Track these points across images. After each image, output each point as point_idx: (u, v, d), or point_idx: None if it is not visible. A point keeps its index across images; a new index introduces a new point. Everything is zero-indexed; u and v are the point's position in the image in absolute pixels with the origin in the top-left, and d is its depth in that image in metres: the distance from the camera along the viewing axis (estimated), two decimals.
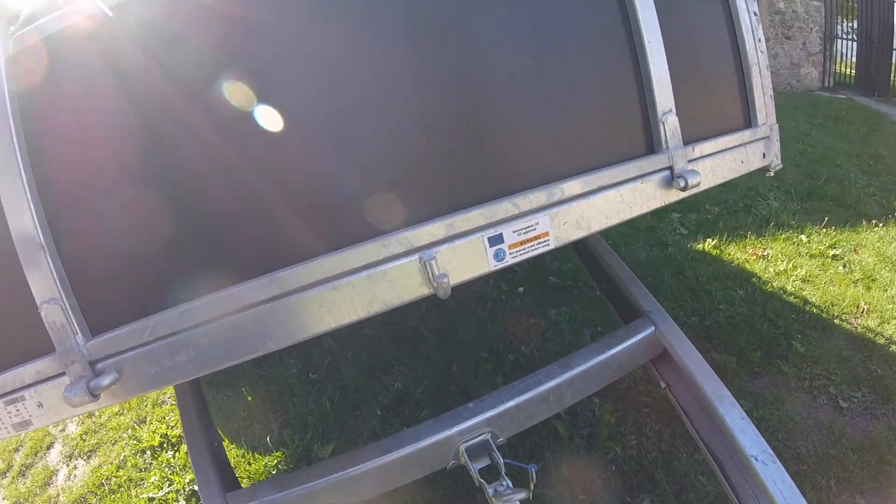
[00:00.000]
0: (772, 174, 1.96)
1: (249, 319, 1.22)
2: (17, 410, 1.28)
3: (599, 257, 2.36)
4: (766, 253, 3.81)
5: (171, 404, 3.51)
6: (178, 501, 2.71)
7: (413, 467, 1.61)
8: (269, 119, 1.22)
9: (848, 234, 4.01)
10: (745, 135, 1.79)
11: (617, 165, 1.49)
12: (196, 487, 2.63)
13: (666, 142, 1.54)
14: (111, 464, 3.14)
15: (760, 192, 4.74)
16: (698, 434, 1.83)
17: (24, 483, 3.29)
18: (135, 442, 3.24)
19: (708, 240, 3.99)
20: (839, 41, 10.78)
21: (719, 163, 1.70)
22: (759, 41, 1.81)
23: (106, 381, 1.18)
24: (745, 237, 4.05)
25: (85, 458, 3.32)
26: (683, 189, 1.54)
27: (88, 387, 1.17)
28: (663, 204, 1.58)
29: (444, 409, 1.56)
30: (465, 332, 3.17)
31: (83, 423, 3.63)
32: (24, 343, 1.25)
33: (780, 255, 3.74)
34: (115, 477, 3.02)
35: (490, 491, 1.52)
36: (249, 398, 3.24)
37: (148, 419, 3.40)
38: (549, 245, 1.41)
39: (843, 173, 5.23)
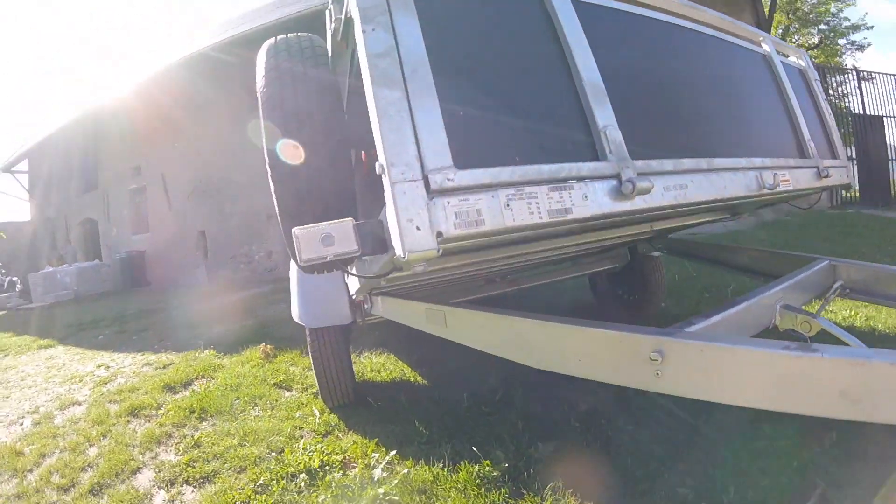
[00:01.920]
0: None
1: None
2: (561, 197, 1.42)
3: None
4: None
5: (314, 436, 3.28)
6: None
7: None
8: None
9: None
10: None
11: None
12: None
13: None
14: (242, 490, 2.78)
15: None
16: None
17: (99, 502, 2.89)
18: (279, 465, 2.93)
19: None
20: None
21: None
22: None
23: (647, 184, 1.54)
24: None
25: (196, 485, 2.93)
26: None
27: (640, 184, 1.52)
28: None
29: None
30: None
31: (185, 452, 3.30)
32: (574, 150, 1.55)
33: None
34: (255, 499, 2.67)
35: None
36: (423, 430, 3.09)
37: (285, 450, 3.11)
38: None
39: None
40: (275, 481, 2.78)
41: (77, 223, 19.58)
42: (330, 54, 2.15)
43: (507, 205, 1.32)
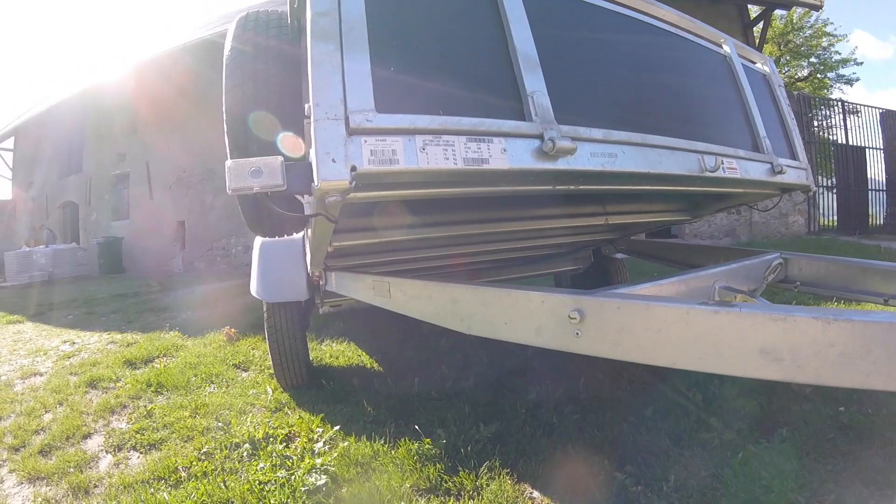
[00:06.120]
0: None
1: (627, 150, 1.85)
2: (479, 148, 1.49)
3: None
4: None
5: (264, 412, 3.31)
6: (310, 477, 2.44)
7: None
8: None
9: None
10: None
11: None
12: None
13: None
14: (186, 456, 2.80)
15: None
16: None
17: (47, 462, 2.87)
18: (225, 436, 2.95)
19: None
20: (821, 191, 12.62)
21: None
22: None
23: (570, 144, 1.60)
24: None
25: (143, 451, 2.94)
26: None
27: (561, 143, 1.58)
28: None
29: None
30: None
31: (137, 421, 3.31)
32: (500, 110, 1.60)
33: None
34: (197, 465, 2.68)
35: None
36: (370, 410, 3.14)
37: (232, 422, 3.11)
38: None
39: None
40: (218, 450, 2.81)
41: (58, 205, 19.28)
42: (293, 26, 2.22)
43: (423, 148, 1.39)
